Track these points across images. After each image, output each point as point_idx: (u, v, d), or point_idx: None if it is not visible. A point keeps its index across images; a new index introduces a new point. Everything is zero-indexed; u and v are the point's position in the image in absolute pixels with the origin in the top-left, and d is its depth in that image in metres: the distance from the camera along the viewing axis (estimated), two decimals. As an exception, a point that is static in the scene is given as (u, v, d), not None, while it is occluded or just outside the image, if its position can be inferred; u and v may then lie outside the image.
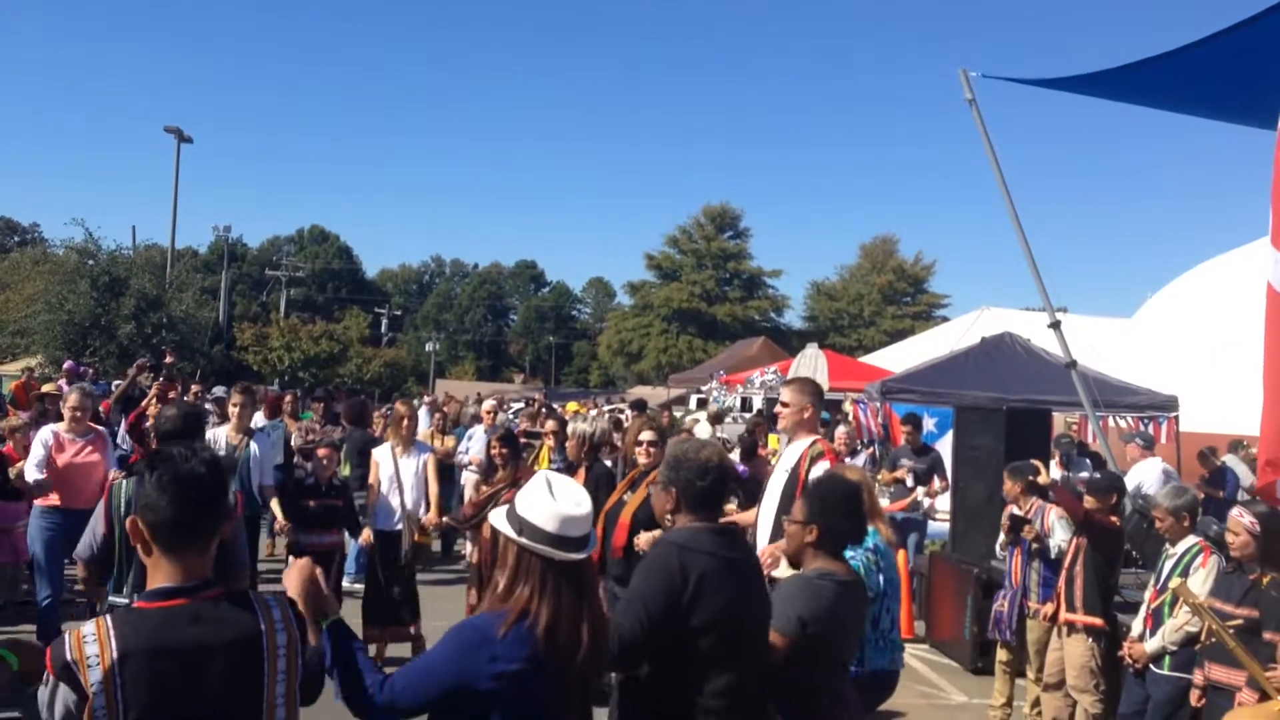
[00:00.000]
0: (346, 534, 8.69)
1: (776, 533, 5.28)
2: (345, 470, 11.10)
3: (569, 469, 9.12)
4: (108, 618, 2.41)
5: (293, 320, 50.31)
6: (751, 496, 7.41)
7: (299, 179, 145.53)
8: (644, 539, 6.19)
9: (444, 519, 9.23)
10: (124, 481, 5.10)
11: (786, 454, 5.77)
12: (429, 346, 78.01)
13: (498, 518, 2.97)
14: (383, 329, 74.28)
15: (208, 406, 13.23)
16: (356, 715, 2.85)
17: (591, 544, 2.97)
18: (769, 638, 3.72)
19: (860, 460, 11.88)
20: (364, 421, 12.42)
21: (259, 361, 44.89)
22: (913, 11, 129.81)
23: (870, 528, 4.84)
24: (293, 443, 11.17)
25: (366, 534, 8.48)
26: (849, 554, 4.30)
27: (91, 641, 2.34)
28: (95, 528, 5.06)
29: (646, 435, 7.12)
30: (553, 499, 2.92)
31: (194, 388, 13.44)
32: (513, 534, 2.92)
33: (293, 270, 70.53)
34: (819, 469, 5.34)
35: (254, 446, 8.75)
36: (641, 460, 6.99)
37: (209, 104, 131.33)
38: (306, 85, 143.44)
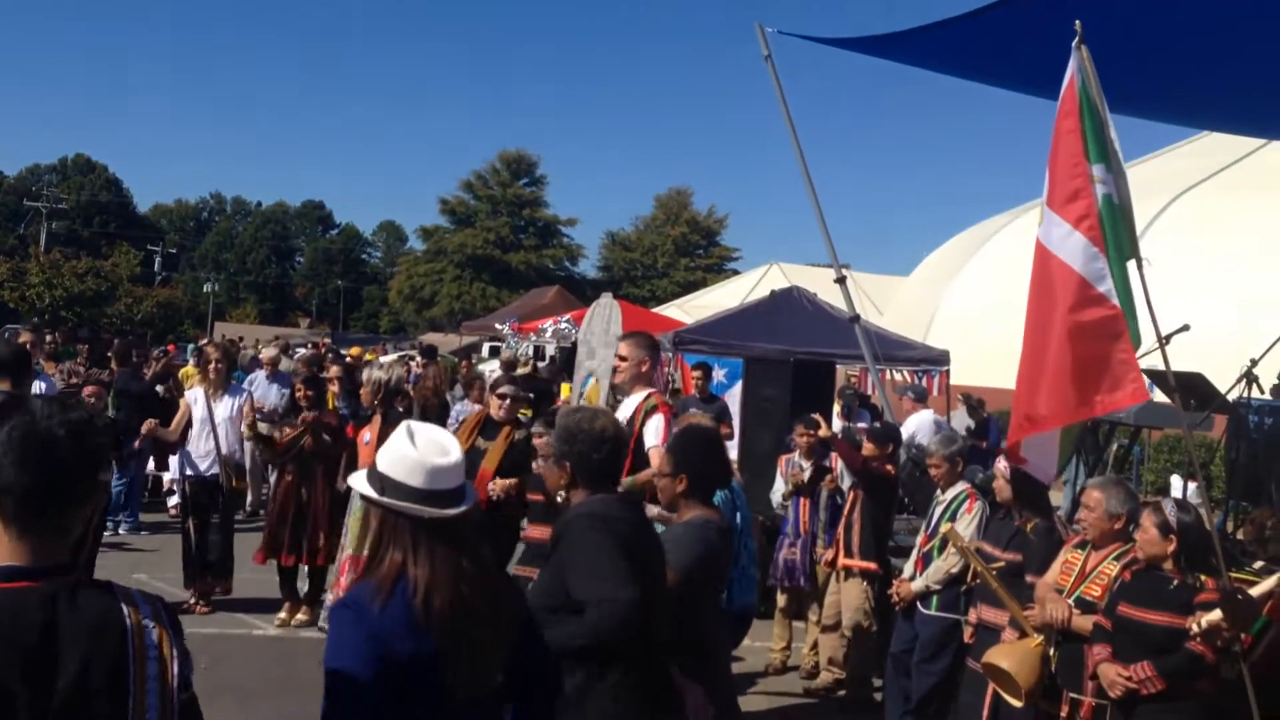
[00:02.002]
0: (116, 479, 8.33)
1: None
2: (110, 413, 10.57)
3: (354, 415, 8.91)
4: None
5: (54, 255, 46.75)
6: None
7: (62, 103, 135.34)
8: (500, 485, 6.69)
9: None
10: None
11: (623, 408, 5.80)
12: (207, 287, 74.21)
13: (358, 480, 2.64)
14: (156, 267, 70.14)
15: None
16: None
17: (469, 497, 2.63)
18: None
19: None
20: (128, 362, 11.87)
21: (15, 299, 41.71)
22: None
23: None
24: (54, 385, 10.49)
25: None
26: None
27: None
28: None
29: (507, 389, 7.35)
30: (414, 449, 2.56)
31: None
32: (374, 494, 2.57)
33: (54, 202, 65.59)
34: (654, 422, 5.40)
35: (41, 386, 8.35)
36: (497, 414, 7.22)
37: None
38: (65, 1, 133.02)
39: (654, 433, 5.32)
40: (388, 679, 2.44)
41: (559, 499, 3.70)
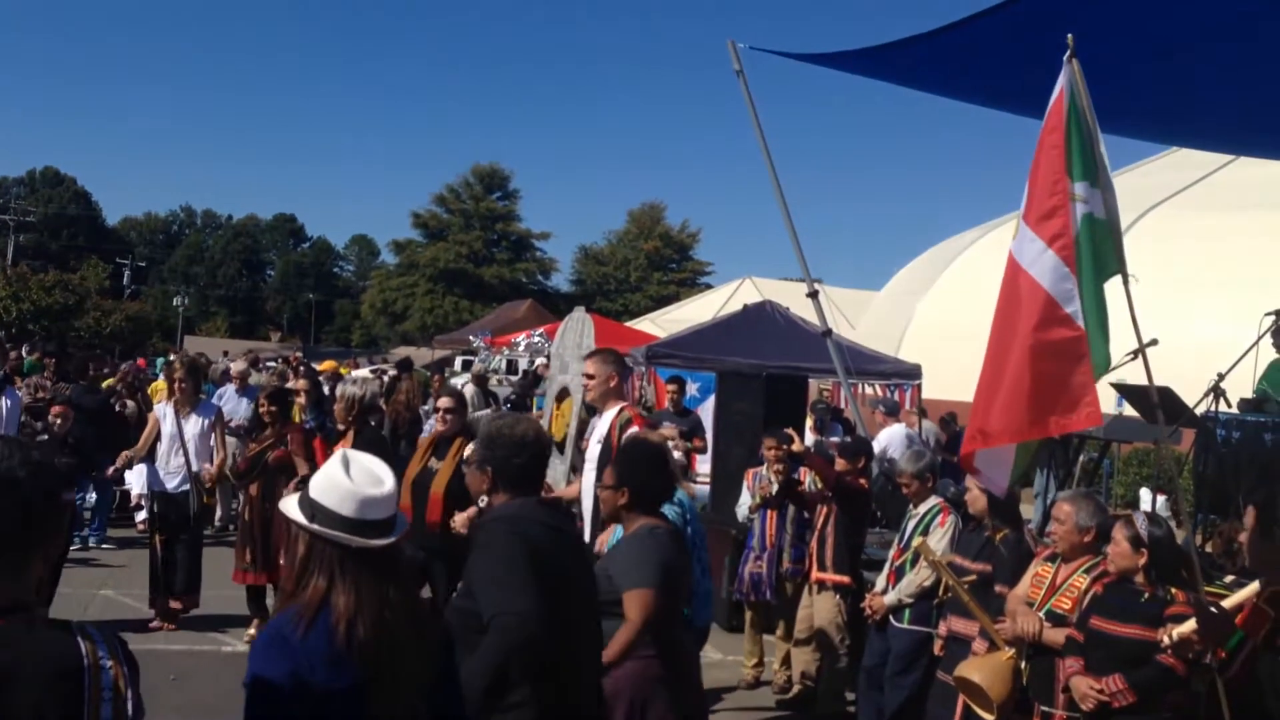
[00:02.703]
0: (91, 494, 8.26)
1: (599, 504, 5.32)
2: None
3: (321, 428, 8.83)
4: None
5: (21, 268, 46.20)
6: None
7: (29, 115, 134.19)
8: (460, 519, 6.11)
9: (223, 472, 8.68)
10: None
11: (599, 425, 5.81)
12: (177, 301, 73.63)
13: (289, 505, 2.64)
14: (125, 281, 69.58)
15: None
16: None
17: (399, 527, 2.65)
18: (635, 601, 3.75)
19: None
20: (85, 376, 11.96)
21: (-18, 312, 41.15)
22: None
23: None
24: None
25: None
26: None
27: None
28: None
29: (445, 402, 7.14)
30: (349, 479, 2.59)
31: None
32: (304, 520, 2.58)
33: (22, 214, 64.94)
34: (630, 435, 5.37)
35: (6, 403, 8.26)
36: (439, 427, 7.03)
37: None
38: (31, 9, 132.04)
39: None
40: (307, 709, 2.44)
41: (480, 504, 3.67)
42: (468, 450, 6.82)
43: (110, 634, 2.12)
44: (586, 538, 5.09)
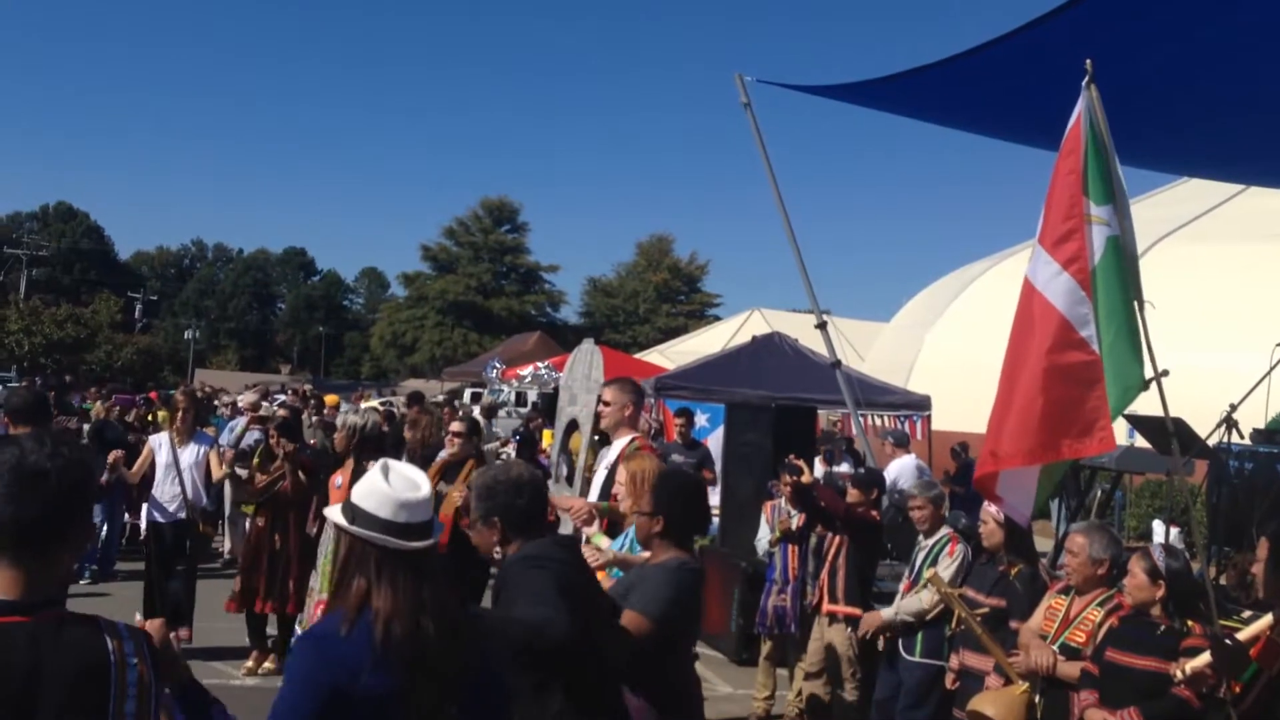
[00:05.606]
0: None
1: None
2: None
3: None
4: None
5: (34, 302, 46.54)
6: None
7: (43, 151, 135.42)
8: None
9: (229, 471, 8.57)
10: None
11: (608, 453, 5.90)
12: (188, 334, 73.94)
13: (333, 511, 2.78)
14: (136, 314, 69.92)
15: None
16: None
17: (436, 532, 2.76)
18: (631, 621, 3.78)
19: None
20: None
21: (-5, 346, 41.40)
22: (693, 12, 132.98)
23: None
24: (28, 433, 10.44)
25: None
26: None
27: None
28: None
29: (455, 426, 7.29)
30: (387, 484, 2.72)
31: None
32: (345, 523, 2.71)
33: (35, 249, 65.43)
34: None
35: None
36: (450, 450, 7.18)
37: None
38: (47, 46, 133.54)
39: None
40: (344, 706, 2.52)
41: (495, 555, 3.66)
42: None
43: (138, 632, 2.18)
44: None
